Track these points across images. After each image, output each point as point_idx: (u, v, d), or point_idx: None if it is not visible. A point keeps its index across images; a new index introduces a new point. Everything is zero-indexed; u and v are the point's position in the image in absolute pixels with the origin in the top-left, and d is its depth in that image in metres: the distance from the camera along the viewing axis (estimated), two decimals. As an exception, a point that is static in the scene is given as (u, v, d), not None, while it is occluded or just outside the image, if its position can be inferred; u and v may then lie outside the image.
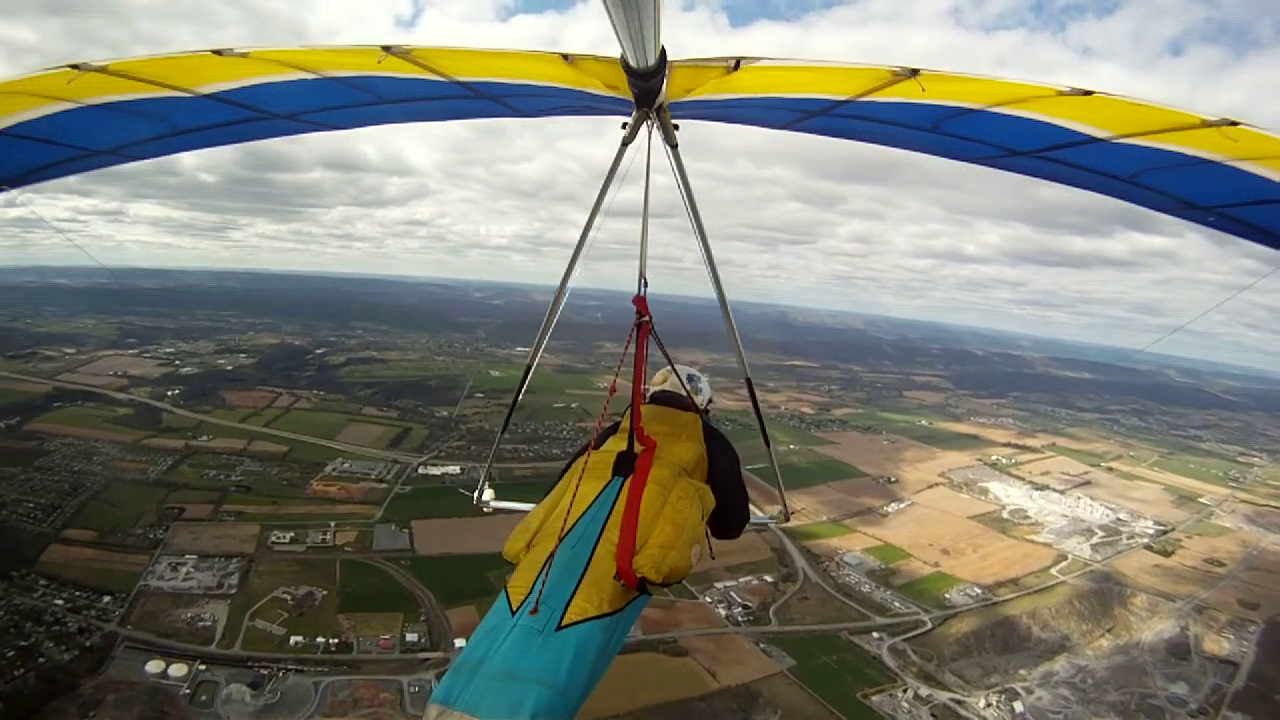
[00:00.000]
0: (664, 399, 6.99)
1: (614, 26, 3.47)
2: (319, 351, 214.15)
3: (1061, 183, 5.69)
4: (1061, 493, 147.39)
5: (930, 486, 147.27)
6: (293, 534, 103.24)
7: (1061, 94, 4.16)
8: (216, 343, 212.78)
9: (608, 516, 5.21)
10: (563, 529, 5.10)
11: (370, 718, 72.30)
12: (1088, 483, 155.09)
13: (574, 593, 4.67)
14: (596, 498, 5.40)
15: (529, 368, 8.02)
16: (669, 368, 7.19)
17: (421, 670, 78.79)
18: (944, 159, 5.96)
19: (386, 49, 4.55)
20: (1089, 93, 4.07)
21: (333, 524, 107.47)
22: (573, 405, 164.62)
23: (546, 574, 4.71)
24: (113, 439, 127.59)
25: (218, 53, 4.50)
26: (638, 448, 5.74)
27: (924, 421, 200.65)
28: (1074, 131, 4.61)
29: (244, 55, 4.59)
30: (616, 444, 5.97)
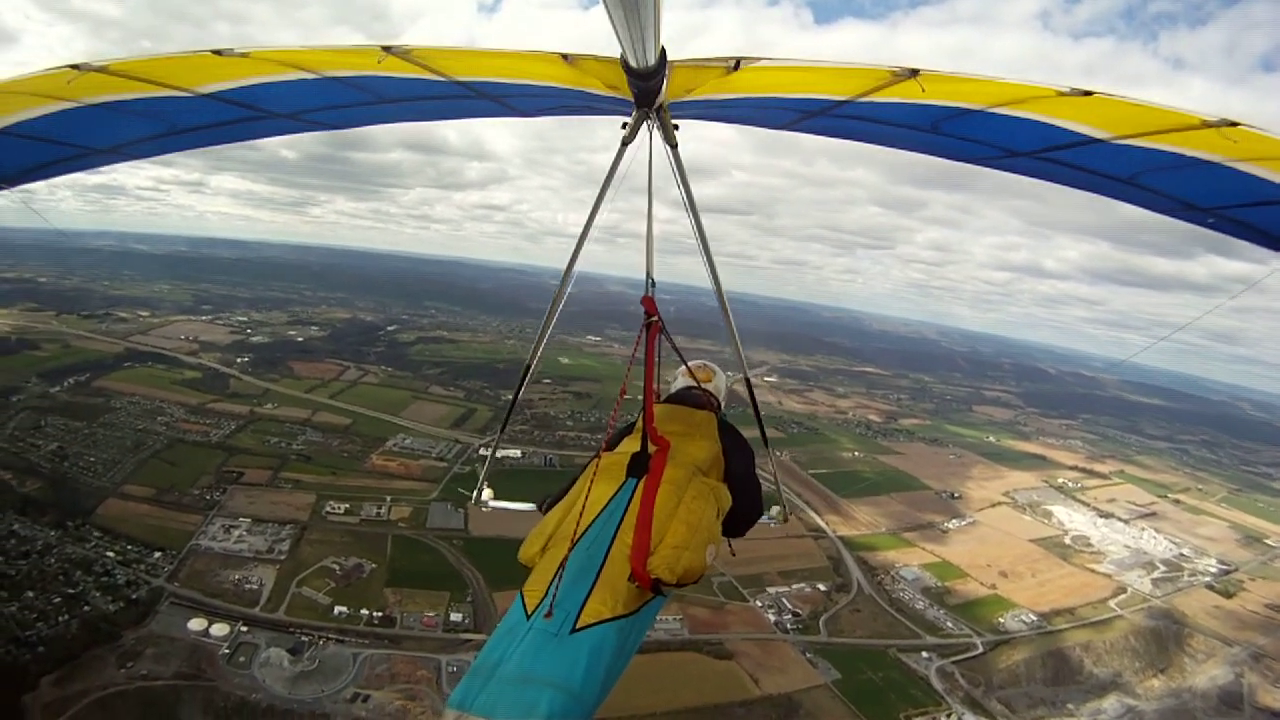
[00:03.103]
0: (678, 398, 7.22)
1: (614, 26, 3.51)
2: (390, 328, 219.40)
3: (1061, 184, 5.76)
4: (1126, 522, 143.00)
5: (993, 505, 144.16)
6: (348, 505, 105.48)
7: (1061, 94, 4.19)
8: (289, 314, 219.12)
9: (622, 518, 5.22)
10: (575, 532, 5.10)
11: (405, 693, 73.00)
12: (1153, 514, 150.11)
13: (588, 595, 4.69)
14: (611, 500, 5.42)
15: (528, 367, 8.63)
16: (684, 366, 7.43)
17: (462, 651, 79.31)
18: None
19: (386, 49, 4.67)
20: (1089, 93, 4.09)
21: (388, 498, 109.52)
22: (639, 396, 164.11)
23: (560, 577, 4.72)
24: (179, 400, 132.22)
25: (218, 53, 4.60)
26: (651, 448, 5.77)
27: (991, 438, 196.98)
28: (1073, 132, 4.65)
29: (244, 55, 4.69)
30: (631, 445, 6.05)
